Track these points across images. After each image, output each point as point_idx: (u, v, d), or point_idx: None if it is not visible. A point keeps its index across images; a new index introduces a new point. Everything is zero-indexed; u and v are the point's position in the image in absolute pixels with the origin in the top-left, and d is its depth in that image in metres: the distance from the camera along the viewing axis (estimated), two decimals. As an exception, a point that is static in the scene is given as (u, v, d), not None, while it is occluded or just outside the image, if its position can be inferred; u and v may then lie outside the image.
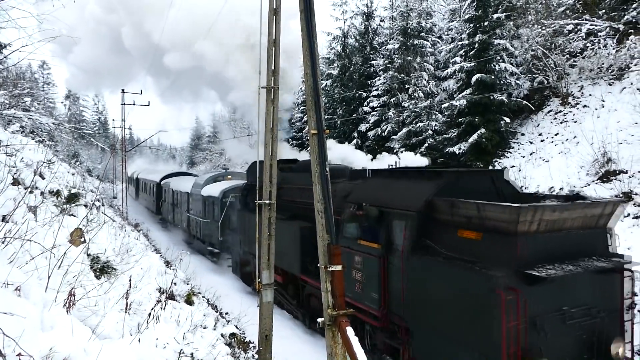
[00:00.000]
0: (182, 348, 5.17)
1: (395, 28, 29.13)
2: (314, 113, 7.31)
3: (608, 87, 20.23)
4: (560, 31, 22.99)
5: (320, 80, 7.55)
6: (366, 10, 33.34)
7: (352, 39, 34.37)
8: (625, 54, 20.59)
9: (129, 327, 5.05)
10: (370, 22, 33.39)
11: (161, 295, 7.29)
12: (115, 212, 25.70)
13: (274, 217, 9.49)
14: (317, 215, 7.32)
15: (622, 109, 18.53)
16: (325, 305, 7.31)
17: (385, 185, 9.71)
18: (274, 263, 9.52)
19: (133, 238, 14.77)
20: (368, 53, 32.45)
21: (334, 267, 7.22)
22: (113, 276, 6.63)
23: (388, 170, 10.88)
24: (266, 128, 9.28)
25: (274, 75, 9.13)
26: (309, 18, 7.31)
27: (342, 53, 33.61)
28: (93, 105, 78.89)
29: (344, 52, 33.67)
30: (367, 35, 33.27)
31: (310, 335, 12.90)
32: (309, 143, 7.55)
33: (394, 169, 11.41)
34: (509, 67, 22.34)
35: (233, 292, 16.55)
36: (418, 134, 24.94)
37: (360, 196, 9.86)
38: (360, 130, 29.38)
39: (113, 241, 9.21)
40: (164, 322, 5.88)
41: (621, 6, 22.05)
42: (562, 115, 21.18)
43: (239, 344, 9.20)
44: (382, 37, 32.70)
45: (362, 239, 9.40)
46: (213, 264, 21.46)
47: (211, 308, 11.80)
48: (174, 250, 17.68)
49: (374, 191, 9.78)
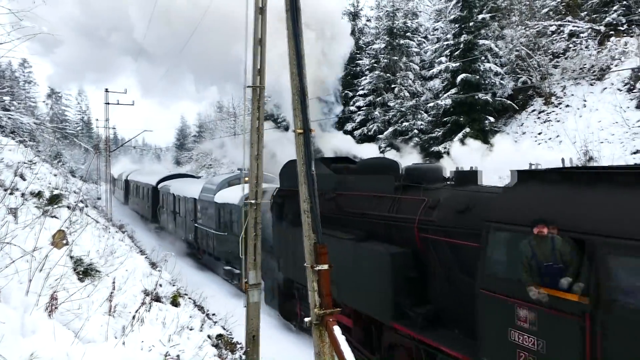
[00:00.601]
0: (168, 350, 5.12)
1: (381, 28, 29.21)
2: (300, 112, 7.29)
3: (590, 87, 20.52)
4: (544, 32, 23.27)
5: (306, 80, 7.52)
6: (352, 10, 33.39)
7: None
8: (606, 55, 20.91)
9: (114, 330, 4.98)
10: (357, 22, 33.44)
11: (146, 297, 7.21)
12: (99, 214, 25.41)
13: (259, 217, 9.46)
14: (303, 214, 7.31)
15: (603, 108, 18.82)
16: (312, 305, 7.29)
17: (575, 197, 5.73)
18: (260, 263, 9.48)
19: (117, 239, 14.60)
20: (354, 52, 32.49)
21: (321, 266, 7.21)
22: (97, 278, 6.53)
23: (574, 172, 6.19)
24: (252, 127, 9.23)
25: (259, 74, 9.08)
26: (294, 17, 7.28)
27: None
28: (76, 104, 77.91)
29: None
30: (353, 34, 33.29)
31: (298, 335, 12.88)
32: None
33: (588, 169, 7.37)
34: (494, 67, 22.54)
35: (219, 293, 16.45)
36: (404, 133, 25.05)
37: (515, 212, 6.19)
38: (346, 129, 29.41)
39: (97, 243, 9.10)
40: (149, 325, 5.82)
41: (602, 8, 22.39)
42: (545, 114, 21.43)
43: (226, 345, 9.14)
44: (368, 36, 32.77)
45: (538, 284, 5.56)
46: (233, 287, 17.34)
47: (198, 309, 11.70)
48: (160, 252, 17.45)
49: (544, 205, 5.93)
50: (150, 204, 29.78)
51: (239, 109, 54.09)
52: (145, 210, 32.10)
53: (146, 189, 31.46)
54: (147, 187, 31.20)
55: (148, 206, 30.72)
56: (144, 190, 32.13)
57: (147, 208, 31.28)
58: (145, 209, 32.07)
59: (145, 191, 31.75)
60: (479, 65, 22.38)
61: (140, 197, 33.85)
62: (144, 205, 32.53)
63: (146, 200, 31.46)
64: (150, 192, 29.79)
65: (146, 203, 31.47)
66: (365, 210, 9.61)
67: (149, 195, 30.19)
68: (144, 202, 32.53)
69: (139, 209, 35.15)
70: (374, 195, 9.45)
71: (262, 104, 9.26)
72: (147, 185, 31.03)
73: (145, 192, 31.96)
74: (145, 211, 32.10)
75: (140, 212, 34.15)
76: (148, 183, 31.09)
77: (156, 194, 28.88)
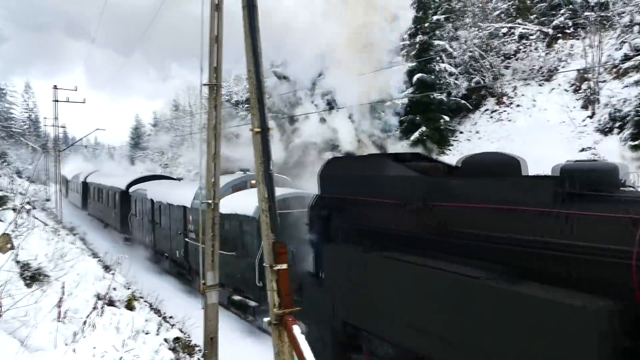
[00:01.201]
0: (122, 356, 4.96)
1: (338, 27, 29.38)
2: (258, 111, 7.22)
3: (539, 87, 21.32)
4: (496, 34, 24.00)
5: (264, 78, 7.46)
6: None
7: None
8: (554, 56, 21.78)
9: (64, 336, 4.79)
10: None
11: (98, 301, 6.98)
12: (49, 216, 24.43)
13: (217, 217, 9.33)
14: (262, 214, 7.25)
15: (551, 108, 19.59)
16: (272, 305, 7.25)
17: None
18: (218, 264, 9.34)
19: (68, 242, 14.08)
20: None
21: (280, 266, 7.18)
22: (45, 284, 6.27)
23: None
24: (209, 126, 9.09)
25: (216, 72, 8.94)
26: (252, 14, 7.21)
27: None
28: (22, 101, 74.62)
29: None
30: (310, 33, 33.38)
31: (258, 336, 12.78)
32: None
33: None
34: (449, 67, 23.06)
35: (176, 295, 16.12)
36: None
37: None
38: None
39: (45, 246, 8.73)
40: (102, 330, 5.62)
41: (551, 12, 23.29)
42: (497, 114, 22.11)
43: (183, 348, 8.97)
44: (325, 36, 32.88)
45: None
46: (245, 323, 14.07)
47: (154, 312, 11.43)
48: (113, 254, 16.91)
49: None
50: (119, 211, 25.58)
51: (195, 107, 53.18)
52: (111, 218, 27.84)
53: (112, 192, 27.34)
54: (113, 190, 26.98)
55: (115, 213, 26.59)
56: (110, 194, 27.92)
57: (113, 215, 27.05)
58: (111, 216, 27.78)
59: (111, 195, 27.52)
60: (434, 66, 22.84)
61: (104, 203, 29.47)
62: (109, 211, 28.28)
63: (112, 206, 27.35)
64: (119, 197, 25.59)
65: (112, 209, 27.38)
66: (500, 231, 6.00)
67: (117, 201, 25.99)
68: (109, 208, 28.26)
69: (102, 215, 30.79)
70: (516, 209, 5.92)
71: (219, 102, 9.12)
72: (114, 189, 26.92)
73: (111, 197, 27.70)
74: (111, 219, 27.86)
75: (105, 219, 29.82)
76: (115, 186, 26.93)
77: (126, 198, 24.60)
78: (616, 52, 18.64)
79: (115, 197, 26.44)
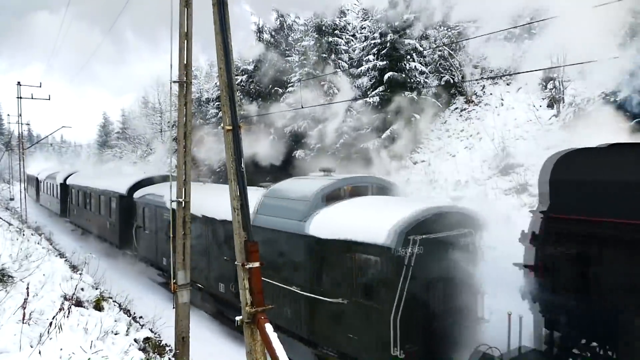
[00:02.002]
0: (90, 357, 4.88)
1: (310, 25, 29.36)
2: (229, 109, 7.19)
3: (506, 86, 21.79)
4: (465, 33, 24.38)
5: (235, 76, 7.43)
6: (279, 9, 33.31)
7: (267, 34, 34.19)
8: (520, 56, 22.28)
9: (29, 338, 4.68)
10: (285, 18, 33.39)
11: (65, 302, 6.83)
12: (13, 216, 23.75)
13: (189, 215, 9.25)
14: (233, 212, 7.23)
15: (518, 107, 20.06)
16: (244, 303, 7.24)
17: None
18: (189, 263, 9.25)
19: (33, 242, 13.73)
20: (283, 49, 32.44)
21: (252, 264, 7.17)
22: (9, 284, 6.10)
23: None
24: (179, 123, 8.99)
25: (186, 69, 8.85)
26: (222, 12, 7.16)
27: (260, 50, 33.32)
28: (-16, 98, 72.08)
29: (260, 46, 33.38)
30: (282, 31, 33.25)
31: (230, 335, 12.72)
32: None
33: None
34: (419, 66, 23.32)
35: (147, 295, 15.88)
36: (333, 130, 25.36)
37: None
38: (276, 126, 29.33)
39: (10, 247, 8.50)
40: (69, 331, 5.51)
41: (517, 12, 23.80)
42: (466, 112, 22.50)
43: (154, 348, 8.85)
44: (297, 33, 32.83)
45: None
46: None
47: (123, 313, 11.25)
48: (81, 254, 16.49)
49: None
50: (117, 221, 21.02)
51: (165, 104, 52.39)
52: (105, 230, 23.02)
53: (107, 198, 22.52)
54: (108, 195, 22.19)
55: (112, 223, 21.90)
56: (103, 200, 23.07)
57: (109, 226, 22.37)
58: (105, 227, 22.99)
59: (106, 202, 22.70)
60: (405, 64, 23.07)
61: (94, 210, 24.75)
62: (101, 221, 23.59)
63: (106, 215, 22.63)
64: (117, 204, 20.99)
65: (106, 219, 22.66)
66: None
67: (114, 208, 21.41)
68: (100, 217, 23.58)
69: (91, 226, 25.69)
70: None
71: (189, 100, 9.03)
72: (110, 193, 22.05)
73: (105, 204, 22.89)
74: (105, 230, 23.03)
75: (94, 229, 24.97)
76: (110, 190, 22.05)
77: (127, 206, 20.11)
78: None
79: (112, 204, 21.81)
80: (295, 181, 12.03)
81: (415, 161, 22.06)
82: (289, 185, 11.52)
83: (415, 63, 23.39)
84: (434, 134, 23.13)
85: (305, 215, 9.77)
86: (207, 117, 38.33)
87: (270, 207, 10.97)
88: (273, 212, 10.72)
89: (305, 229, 9.53)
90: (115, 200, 21.03)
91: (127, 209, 19.94)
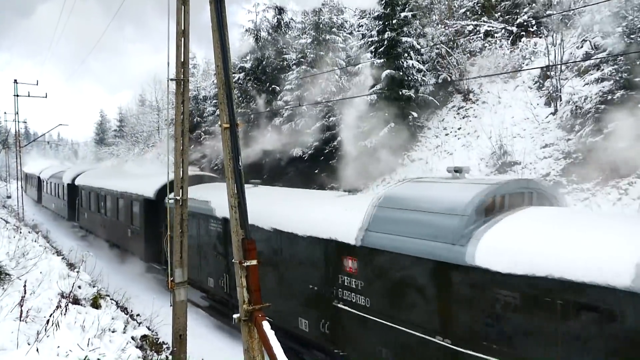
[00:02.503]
0: (87, 354, 4.88)
1: (307, 23, 29.34)
2: (226, 106, 7.19)
3: (504, 84, 21.81)
4: (462, 31, 24.42)
5: (232, 73, 7.43)
6: (278, 4, 33.25)
7: (265, 32, 34.16)
8: (518, 54, 22.31)
9: (26, 336, 4.68)
10: (283, 16, 33.35)
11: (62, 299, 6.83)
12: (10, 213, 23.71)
13: (186, 213, 9.26)
14: (231, 210, 7.23)
15: (515, 105, 20.08)
16: (241, 301, 7.25)
17: None
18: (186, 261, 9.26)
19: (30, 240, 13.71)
20: (281, 47, 32.41)
21: (249, 262, 7.18)
22: (7, 282, 6.10)
23: None
24: (176, 122, 8.98)
25: (183, 67, 8.84)
26: (219, 9, 7.15)
27: (255, 46, 33.29)
28: (-20, 96, 71.92)
29: (256, 45, 33.36)
30: (279, 28, 33.21)
31: (227, 332, 12.73)
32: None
33: None
34: (416, 64, 23.31)
35: (144, 293, 15.89)
36: (331, 128, 25.36)
37: None
38: (274, 124, 29.31)
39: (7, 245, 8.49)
40: (66, 329, 5.51)
41: (514, 10, 23.84)
42: (464, 110, 22.51)
43: (151, 346, 8.86)
44: (294, 31, 32.80)
45: None
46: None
47: (120, 310, 11.26)
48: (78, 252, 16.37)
49: None
50: (142, 228, 18.32)
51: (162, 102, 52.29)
52: (126, 239, 20.39)
53: (129, 202, 19.85)
54: (133, 199, 19.46)
55: (136, 232, 19.19)
56: (127, 204, 20.14)
57: (131, 235, 19.71)
58: (125, 235, 20.31)
59: (126, 205, 20.14)
60: (402, 62, 23.06)
61: (116, 216, 21.58)
62: (122, 229, 20.76)
63: (128, 221, 20.00)
64: (143, 209, 18.38)
65: (127, 225, 20.08)
66: None
67: (140, 213, 18.69)
68: (122, 225, 20.79)
69: (108, 234, 23.01)
70: None
71: (186, 98, 9.02)
72: (133, 196, 19.37)
73: (126, 207, 20.22)
74: (126, 239, 20.37)
75: (115, 239, 22.29)
76: (132, 192, 19.49)
77: (154, 211, 17.66)
78: (577, 50, 19.23)
79: (132, 208, 19.51)
80: (422, 186, 8.63)
81: (413, 159, 22.09)
82: (416, 191, 8.36)
83: (413, 61, 23.40)
84: (431, 132, 23.15)
85: (459, 235, 6.87)
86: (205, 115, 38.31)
87: (390, 223, 7.95)
88: (396, 230, 7.76)
89: (464, 257, 6.65)
90: (141, 205, 18.41)
91: (154, 215, 17.56)
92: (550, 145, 17.27)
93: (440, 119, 23.35)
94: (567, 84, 18.47)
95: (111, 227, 22.16)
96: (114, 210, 21.54)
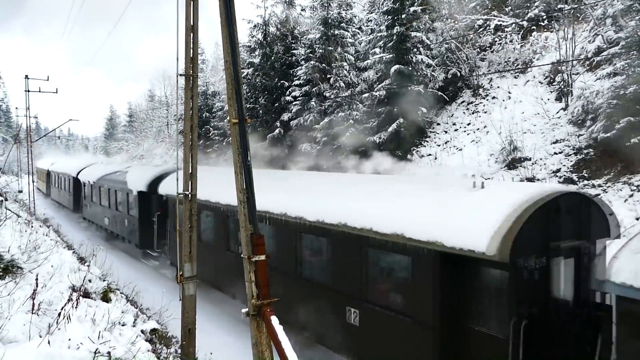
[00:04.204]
0: (98, 347, 4.93)
1: (316, 18, 29.24)
2: (235, 102, 7.19)
3: (514, 79, 21.63)
4: (472, 26, 24.22)
5: (241, 69, 7.43)
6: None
7: (273, 27, 34.10)
8: (528, 49, 22.10)
9: (38, 328, 4.74)
10: (291, 11, 33.27)
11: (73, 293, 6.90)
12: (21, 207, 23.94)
13: (195, 208, 9.28)
14: (240, 205, 7.25)
15: (526, 100, 19.91)
16: (250, 296, 7.28)
17: None
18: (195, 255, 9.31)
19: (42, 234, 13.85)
20: (289, 42, 32.34)
21: (258, 257, 7.20)
22: (19, 275, 6.17)
23: None
24: (185, 117, 9.00)
25: (192, 62, 8.85)
26: (228, 4, 7.15)
27: (264, 41, 33.26)
28: (-8, 91, 72.58)
29: (265, 40, 33.32)
30: (288, 24, 33.14)
31: (236, 326, 12.79)
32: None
33: None
34: (425, 59, 23.18)
35: (153, 287, 15.99)
36: (339, 123, 25.31)
37: None
38: (282, 119, 29.31)
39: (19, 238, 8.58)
40: (77, 322, 5.57)
41: (525, 4, 23.60)
42: (473, 106, 22.36)
43: (160, 340, 8.92)
44: (303, 26, 32.71)
45: None
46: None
47: (130, 304, 11.33)
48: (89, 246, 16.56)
49: None
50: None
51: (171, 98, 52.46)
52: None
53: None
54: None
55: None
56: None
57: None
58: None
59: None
60: (411, 57, 22.94)
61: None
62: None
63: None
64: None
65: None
66: None
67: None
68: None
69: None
70: None
71: (195, 93, 9.04)
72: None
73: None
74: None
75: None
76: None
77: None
78: (589, 45, 19.02)
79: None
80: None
81: (422, 155, 22.00)
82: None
83: (422, 56, 23.26)
84: (440, 127, 23.03)
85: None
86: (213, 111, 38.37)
87: None
88: None
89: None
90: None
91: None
92: (561, 141, 17.12)
93: (449, 115, 23.23)
94: (578, 79, 18.29)
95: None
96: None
